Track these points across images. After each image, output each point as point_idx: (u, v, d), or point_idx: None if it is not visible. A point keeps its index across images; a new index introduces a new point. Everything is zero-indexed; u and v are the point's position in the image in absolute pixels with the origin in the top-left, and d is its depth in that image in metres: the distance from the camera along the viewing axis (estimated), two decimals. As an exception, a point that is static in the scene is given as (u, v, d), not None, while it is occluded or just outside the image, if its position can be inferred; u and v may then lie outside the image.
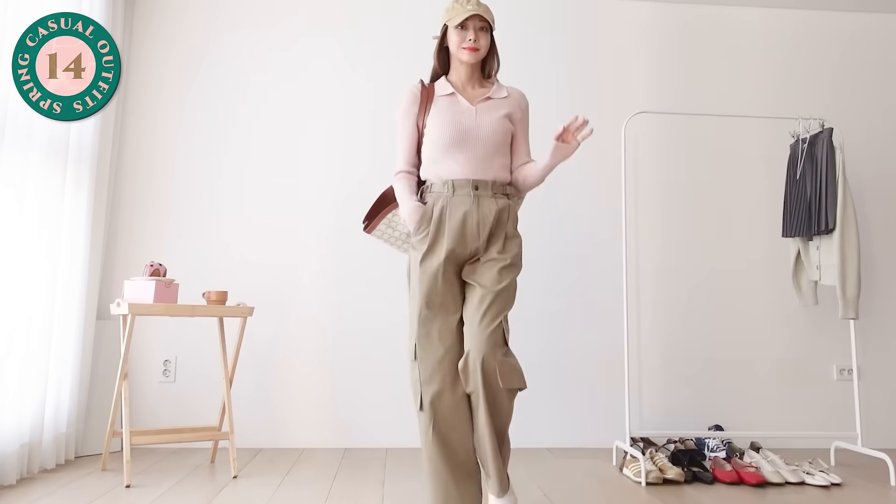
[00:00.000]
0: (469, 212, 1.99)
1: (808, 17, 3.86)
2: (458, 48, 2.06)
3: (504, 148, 2.07)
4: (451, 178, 2.01)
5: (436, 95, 2.10)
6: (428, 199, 2.05)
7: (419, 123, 2.09)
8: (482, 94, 2.11)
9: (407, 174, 2.11)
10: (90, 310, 3.03)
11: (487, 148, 2.02)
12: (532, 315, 3.43)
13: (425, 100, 2.09)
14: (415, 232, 2.04)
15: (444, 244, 1.99)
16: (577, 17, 3.77)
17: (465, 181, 2.00)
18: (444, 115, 2.04)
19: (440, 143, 2.02)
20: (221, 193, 3.46)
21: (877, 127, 3.78)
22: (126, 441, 2.55)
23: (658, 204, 3.64)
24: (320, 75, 3.57)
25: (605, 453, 3.25)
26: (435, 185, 2.04)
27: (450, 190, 2.00)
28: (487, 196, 2.01)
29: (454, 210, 2.00)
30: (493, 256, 1.98)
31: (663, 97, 3.70)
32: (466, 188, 2.00)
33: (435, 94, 2.10)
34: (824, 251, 3.15)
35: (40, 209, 2.69)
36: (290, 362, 3.38)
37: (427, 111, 2.08)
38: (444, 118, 2.03)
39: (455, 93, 2.09)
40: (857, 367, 3.19)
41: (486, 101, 2.09)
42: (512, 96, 2.14)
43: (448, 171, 2.01)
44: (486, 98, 2.09)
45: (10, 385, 2.51)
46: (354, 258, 3.44)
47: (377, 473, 2.81)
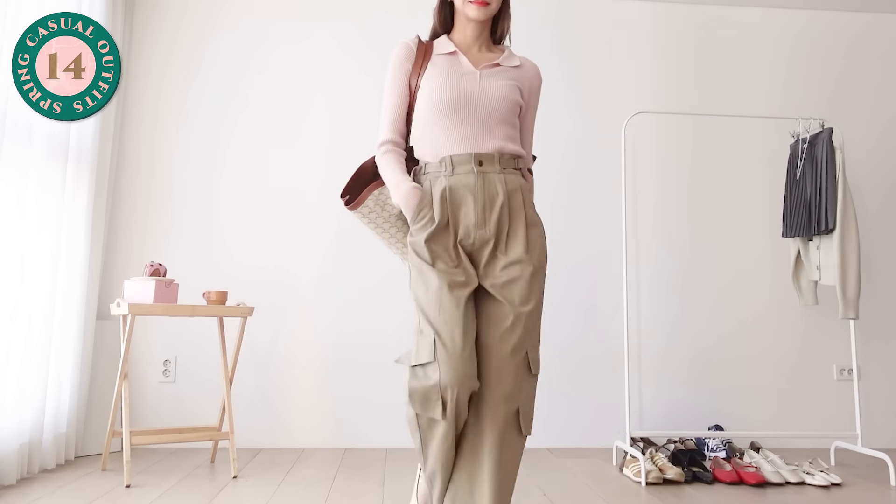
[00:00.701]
0: (471, 190, 1.64)
1: (809, 18, 3.86)
2: (465, 2, 1.72)
3: (512, 118, 1.72)
4: (449, 154, 1.66)
5: (434, 54, 1.75)
6: (424, 182, 1.70)
7: (412, 84, 1.73)
8: (490, 59, 1.76)
9: (394, 146, 1.75)
10: (90, 310, 3.03)
11: (492, 117, 1.67)
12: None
13: (421, 57, 1.73)
14: (413, 219, 1.68)
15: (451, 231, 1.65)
16: (578, 17, 3.76)
17: (467, 156, 1.65)
18: (442, 74, 1.70)
19: (435, 108, 1.67)
20: (221, 193, 3.46)
21: (877, 127, 3.78)
22: (126, 441, 2.54)
23: (658, 204, 3.64)
24: (321, 75, 3.57)
25: (605, 453, 3.25)
26: (430, 164, 1.70)
27: (448, 168, 1.66)
28: (494, 172, 1.66)
29: (455, 191, 1.65)
30: (517, 257, 1.63)
31: (663, 97, 3.70)
32: (468, 164, 1.65)
33: (434, 52, 1.75)
34: (824, 251, 3.15)
35: (40, 209, 2.69)
36: (291, 362, 3.38)
37: (423, 71, 1.72)
38: (442, 78, 1.69)
39: (457, 52, 1.75)
40: (857, 367, 3.19)
41: (493, 66, 1.74)
42: (525, 68, 1.80)
43: (444, 145, 1.67)
44: (494, 64, 1.75)
45: (10, 385, 2.51)
46: (355, 258, 3.44)
47: (377, 473, 2.81)
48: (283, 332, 3.39)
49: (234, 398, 3.16)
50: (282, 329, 3.39)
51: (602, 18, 3.77)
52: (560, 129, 3.60)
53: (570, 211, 3.58)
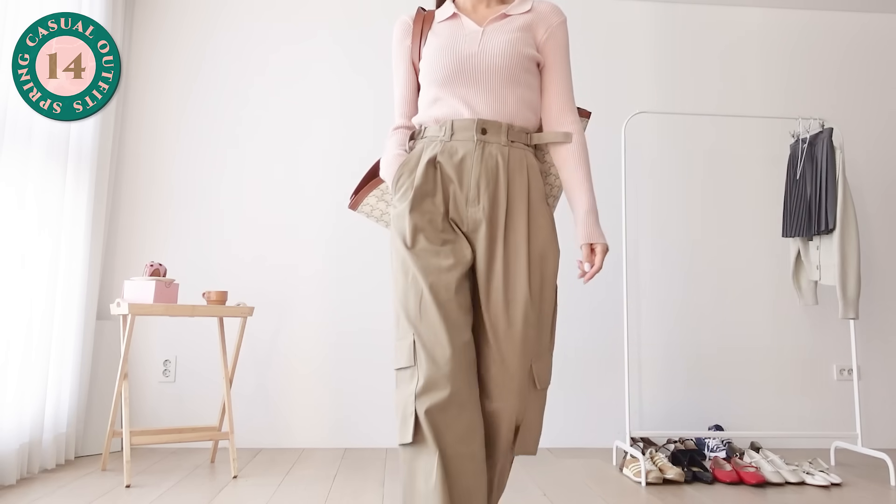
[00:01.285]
0: (467, 159, 1.45)
1: (809, 17, 3.86)
2: None
3: (524, 77, 1.52)
4: (452, 119, 1.49)
5: (435, 21, 1.59)
6: (417, 145, 1.53)
7: (415, 60, 1.58)
8: (496, 11, 1.57)
9: (405, 130, 1.60)
10: (90, 310, 3.03)
11: (498, 78, 1.48)
12: (532, 315, 3.42)
13: (420, 28, 1.58)
14: (393, 186, 1.50)
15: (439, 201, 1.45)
16: (577, 17, 3.76)
17: (469, 121, 1.47)
18: (440, 42, 1.53)
19: (434, 79, 1.51)
20: (221, 193, 3.46)
21: (877, 127, 3.78)
22: (126, 441, 2.54)
23: (658, 204, 3.64)
24: (321, 76, 3.57)
25: (605, 453, 3.25)
26: (429, 128, 1.52)
27: (447, 132, 1.48)
28: (499, 143, 1.47)
29: (447, 156, 1.46)
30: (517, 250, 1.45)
31: (663, 97, 3.70)
32: (469, 130, 1.46)
33: (434, 19, 1.60)
34: (824, 251, 3.15)
35: (40, 209, 2.69)
36: (291, 362, 3.38)
37: (423, 42, 1.57)
38: (440, 46, 1.52)
39: (458, 13, 1.58)
40: (857, 367, 3.19)
41: (499, 18, 1.55)
42: (538, 9, 1.58)
43: (447, 114, 1.50)
44: (501, 15, 1.56)
45: (10, 385, 2.51)
46: (355, 257, 3.44)
47: (377, 473, 2.81)
48: (284, 332, 3.39)
49: (234, 398, 3.16)
50: (282, 329, 3.39)
51: (602, 18, 3.77)
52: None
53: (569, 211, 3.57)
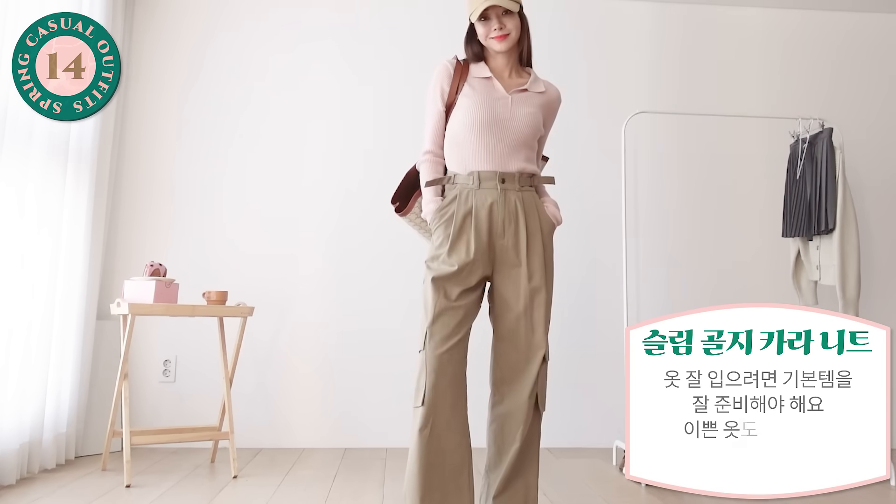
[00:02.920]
0: (495, 204, 1.88)
1: (809, 17, 3.86)
2: (487, 39, 1.93)
3: (532, 142, 1.96)
4: (477, 169, 1.89)
5: (471, 76, 1.96)
6: (449, 193, 1.92)
7: (449, 101, 1.95)
8: (519, 84, 1.98)
9: (434, 156, 1.98)
10: (90, 310, 3.04)
11: (518, 141, 1.91)
12: (532, 315, 3.42)
13: (458, 77, 1.95)
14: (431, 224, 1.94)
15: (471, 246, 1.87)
16: (577, 17, 3.76)
17: (492, 173, 1.88)
18: (479, 97, 1.92)
19: (470, 126, 1.89)
20: (222, 193, 3.45)
21: (877, 127, 3.78)
22: (126, 441, 2.55)
23: (658, 204, 3.64)
24: (321, 76, 3.57)
25: (605, 453, 3.25)
26: (459, 175, 1.91)
27: (475, 182, 1.88)
28: (514, 190, 1.89)
29: (480, 204, 1.88)
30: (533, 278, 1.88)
31: (663, 97, 3.70)
32: (493, 180, 1.88)
33: (470, 74, 1.97)
34: (824, 251, 3.15)
35: (40, 209, 2.69)
36: (291, 362, 3.38)
37: (460, 89, 1.94)
38: (479, 100, 1.91)
39: (492, 77, 1.96)
40: (857, 367, 3.18)
41: (522, 91, 1.96)
42: (549, 94, 2.02)
43: (473, 160, 1.90)
44: (523, 89, 1.96)
45: (10, 385, 2.51)
46: (355, 258, 3.44)
47: (377, 473, 2.81)
48: (283, 332, 3.39)
49: (234, 398, 3.16)
50: (282, 329, 3.39)
51: (602, 18, 3.77)
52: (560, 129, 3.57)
53: (569, 211, 3.56)
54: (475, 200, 1.88)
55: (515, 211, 1.88)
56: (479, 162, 1.89)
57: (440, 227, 1.89)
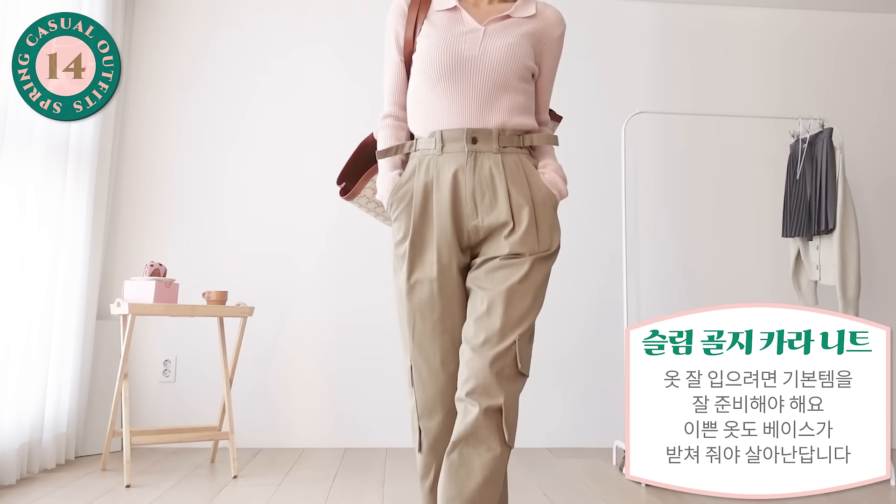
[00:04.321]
0: (461, 172, 1.42)
1: (809, 17, 3.86)
2: None
3: (519, 84, 1.48)
4: (440, 129, 1.45)
5: (432, 9, 1.51)
6: (409, 165, 1.50)
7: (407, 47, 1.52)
8: (499, 10, 1.50)
9: (395, 121, 1.56)
10: (90, 310, 3.04)
11: (495, 84, 1.44)
12: (532, 315, 3.42)
13: (415, 13, 1.51)
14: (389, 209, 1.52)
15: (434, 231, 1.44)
16: (577, 17, 3.75)
17: (459, 131, 1.43)
18: (437, 35, 1.47)
19: (427, 75, 1.46)
20: (222, 193, 3.46)
21: (877, 127, 3.78)
22: (126, 441, 2.55)
23: (658, 204, 3.64)
24: (321, 77, 3.57)
25: (605, 453, 3.25)
26: (421, 140, 1.48)
27: (438, 145, 1.44)
28: (490, 152, 1.43)
29: (442, 175, 1.44)
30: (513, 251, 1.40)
31: (663, 97, 3.70)
32: (460, 141, 1.43)
33: (432, 7, 1.51)
34: (824, 251, 3.15)
35: (40, 209, 2.69)
36: (291, 362, 3.38)
37: (418, 30, 1.50)
38: (437, 40, 1.46)
39: (458, 7, 1.49)
40: (857, 367, 3.18)
41: (502, 19, 1.49)
42: (542, 15, 1.53)
43: (436, 118, 1.46)
44: (504, 16, 1.49)
45: (10, 385, 2.51)
46: (354, 257, 3.44)
47: (377, 473, 2.81)
48: (284, 332, 3.39)
49: (234, 398, 3.16)
50: (282, 328, 3.39)
51: (602, 18, 3.77)
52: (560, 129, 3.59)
53: (569, 210, 3.56)
54: (435, 170, 1.45)
55: (491, 179, 1.42)
56: (442, 119, 1.45)
57: (400, 214, 1.48)
